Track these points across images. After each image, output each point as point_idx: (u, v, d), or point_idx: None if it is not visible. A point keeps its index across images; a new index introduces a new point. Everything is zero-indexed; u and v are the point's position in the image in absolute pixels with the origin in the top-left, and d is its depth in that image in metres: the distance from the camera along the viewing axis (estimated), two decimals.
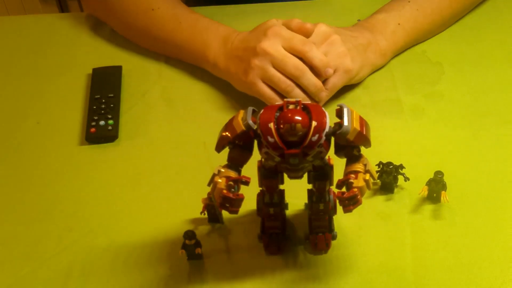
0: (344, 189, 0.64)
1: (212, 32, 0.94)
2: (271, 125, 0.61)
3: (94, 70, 1.00)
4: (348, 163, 0.65)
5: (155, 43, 1.01)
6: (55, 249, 0.75)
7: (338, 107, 0.65)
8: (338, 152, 0.66)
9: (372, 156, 0.67)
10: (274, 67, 0.85)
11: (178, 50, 0.99)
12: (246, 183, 0.64)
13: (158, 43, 1.01)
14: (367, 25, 0.96)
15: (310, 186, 0.70)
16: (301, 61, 0.85)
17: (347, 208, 0.63)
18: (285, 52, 0.85)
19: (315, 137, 0.61)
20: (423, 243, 0.73)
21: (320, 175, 0.68)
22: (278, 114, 0.62)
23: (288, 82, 0.85)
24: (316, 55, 0.85)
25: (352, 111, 0.64)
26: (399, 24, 0.97)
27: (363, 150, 0.65)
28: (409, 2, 0.99)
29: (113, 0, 1.03)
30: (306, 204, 0.74)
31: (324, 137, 0.61)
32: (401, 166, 0.78)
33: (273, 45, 0.85)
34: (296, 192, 0.72)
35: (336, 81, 0.88)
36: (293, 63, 0.84)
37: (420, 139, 0.87)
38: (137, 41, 1.04)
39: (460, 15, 1.06)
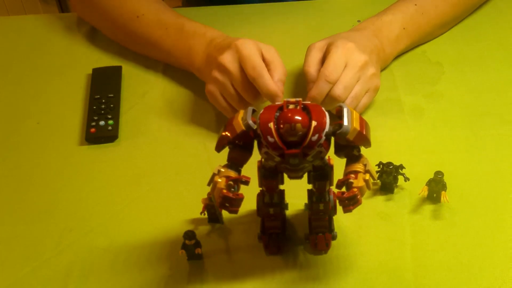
0: (344, 189, 0.64)
1: (199, 37, 0.93)
2: (271, 125, 0.61)
3: (94, 70, 1.00)
4: (348, 163, 0.65)
5: (144, 49, 1.02)
6: (55, 249, 0.75)
7: (338, 107, 0.65)
8: (338, 152, 0.66)
9: (372, 156, 0.67)
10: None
11: (166, 56, 0.99)
12: (246, 183, 0.64)
13: (147, 49, 1.01)
14: (373, 28, 0.95)
15: (310, 186, 0.70)
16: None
17: (347, 208, 0.63)
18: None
19: (315, 137, 0.61)
20: (423, 243, 0.73)
21: (320, 175, 0.68)
22: (278, 114, 0.62)
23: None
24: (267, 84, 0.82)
25: (352, 111, 0.64)
26: (404, 28, 0.96)
27: (363, 150, 0.65)
28: (415, 5, 0.98)
29: (101, 8, 1.03)
30: (306, 204, 0.74)
31: (324, 137, 0.61)
32: (401, 166, 0.78)
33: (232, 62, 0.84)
34: (296, 192, 0.72)
35: (366, 101, 0.87)
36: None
37: (420, 139, 0.87)
38: (127, 46, 1.04)
39: (461, 18, 1.06)
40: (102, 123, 0.90)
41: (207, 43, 0.91)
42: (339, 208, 0.65)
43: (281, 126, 0.61)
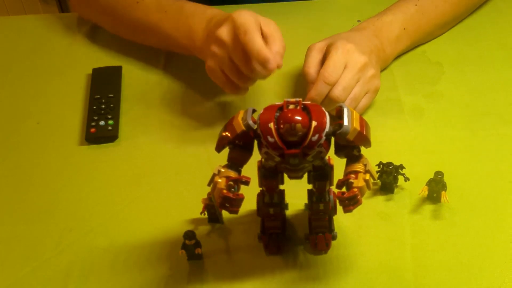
0: (344, 189, 0.64)
1: (199, 16, 0.91)
2: (271, 125, 0.61)
3: (94, 70, 1.00)
4: (348, 163, 0.65)
5: (142, 35, 1.00)
6: (55, 249, 0.75)
7: (338, 107, 0.65)
8: (338, 152, 0.66)
9: (372, 156, 0.67)
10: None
11: (166, 39, 0.96)
12: (246, 183, 0.64)
13: (146, 35, 0.99)
14: (373, 28, 0.94)
15: (310, 186, 0.70)
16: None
17: (347, 208, 0.63)
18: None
19: (315, 137, 0.61)
20: (423, 243, 0.73)
21: (320, 175, 0.68)
22: (278, 114, 0.62)
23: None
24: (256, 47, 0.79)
25: (352, 111, 0.64)
26: (404, 29, 0.96)
27: (363, 150, 0.65)
28: (416, 5, 0.98)
29: None
30: (306, 204, 0.74)
31: (324, 137, 0.61)
32: (401, 166, 0.78)
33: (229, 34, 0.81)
34: (296, 192, 0.72)
35: (366, 103, 0.87)
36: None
37: (420, 139, 0.87)
38: (125, 36, 1.03)
39: (461, 18, 1.06)
40: (102, 123, 0.90)
41: (207, 21, 0.89)
42: (339, 208, 0.65)
43: (281, 126, 0.61)
